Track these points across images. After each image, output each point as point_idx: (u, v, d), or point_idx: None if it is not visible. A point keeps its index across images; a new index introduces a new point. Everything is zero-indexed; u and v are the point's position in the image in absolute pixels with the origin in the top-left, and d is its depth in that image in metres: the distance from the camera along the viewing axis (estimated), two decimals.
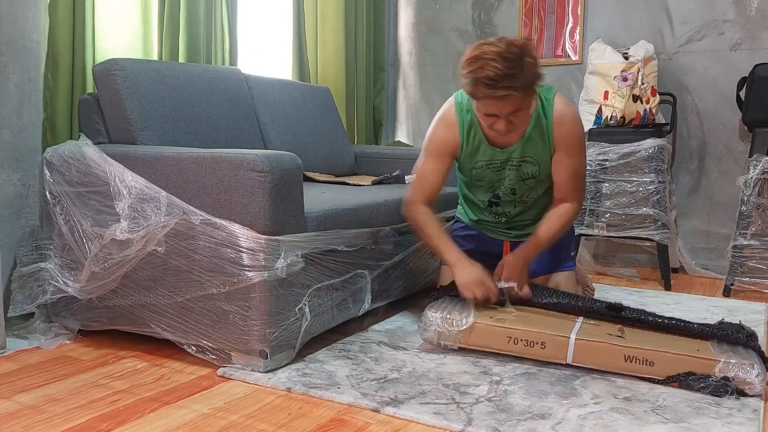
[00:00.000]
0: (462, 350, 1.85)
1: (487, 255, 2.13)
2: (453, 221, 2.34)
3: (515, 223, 2.18)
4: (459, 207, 2.33)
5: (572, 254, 2.22)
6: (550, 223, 2.01)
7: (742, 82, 2.84)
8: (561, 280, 2.15)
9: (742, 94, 2.83)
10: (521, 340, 1.77)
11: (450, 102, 2.07)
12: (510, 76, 1.71)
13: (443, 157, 2.04)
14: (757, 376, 1.57)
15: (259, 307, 1.67)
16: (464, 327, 1.80)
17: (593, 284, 2.44)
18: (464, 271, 1.93)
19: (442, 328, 1.83)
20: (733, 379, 1.58)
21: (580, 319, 1.86)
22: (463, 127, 2.01)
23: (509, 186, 2.06)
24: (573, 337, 1.72)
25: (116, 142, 2.04)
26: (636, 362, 1.66)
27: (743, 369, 1.58)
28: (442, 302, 1.94)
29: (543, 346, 1.75)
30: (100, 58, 2.23)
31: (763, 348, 1.98)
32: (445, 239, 2.01)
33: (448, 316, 1.84)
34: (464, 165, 2.08)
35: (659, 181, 2.85)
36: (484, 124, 1.92)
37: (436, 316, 1.85)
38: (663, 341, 1.72)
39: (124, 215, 1.78)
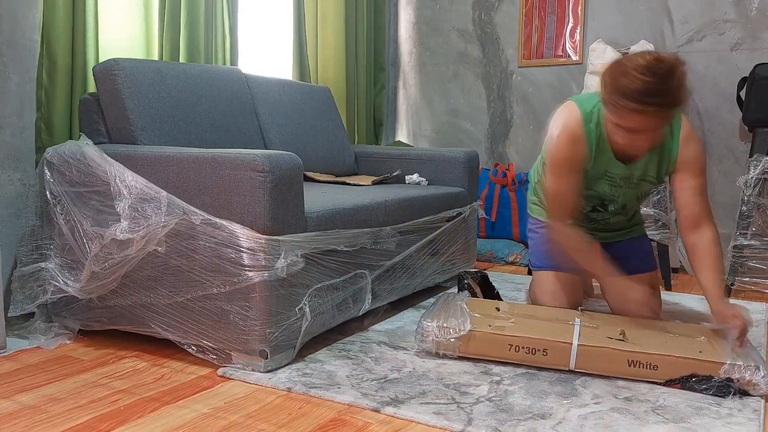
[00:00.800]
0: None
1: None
2: (529, 220, 2.31)
3: (604, 227, 2.21)
4: (534, 205, 2.27)
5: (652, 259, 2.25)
6: (713, 262, 1.87)
7: (743, 82, 2.84)
8: (654, 279, 2.20)
9: (743, 94, 2.83)
10: (522, 348, 1.75)
11: (572, 112, 1.94)
12: (664, 91, 1.65)
13: (574, 173, 1.94)
14: (763, 377, 1.57)
15: (260, 307, 1.68)
16: (461, 334, 1.79)
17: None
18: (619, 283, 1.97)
19: (439, 338, 1.81)
20: (737, 381, 1.58)
21: (578, 321, 1.86)
22: (591, 141, 1.92)
23: (622, 202, 2.05)
24: (575, 342, 1.71)
25: (117, 142, 2.04)
26: (640, 366, 1.65)
27: (749, 370, 1.58)
28: (438, 310, 1.92)
29: (545, 353, 1.74)
30: (101, 57, 2.23)
31: (764, 349, 1.98)
32: (598, 256, 1.99)
33: (444, 325, 1.81)
34: (588, 176, 2.01)
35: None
36: (621, 139, 1.81)
37: (431, 325, 1.82)
38: (665, 342, 1.72)
39: (125, 215, 1.78)
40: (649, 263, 2.22)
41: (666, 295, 2.65)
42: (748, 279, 2.72)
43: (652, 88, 1.63)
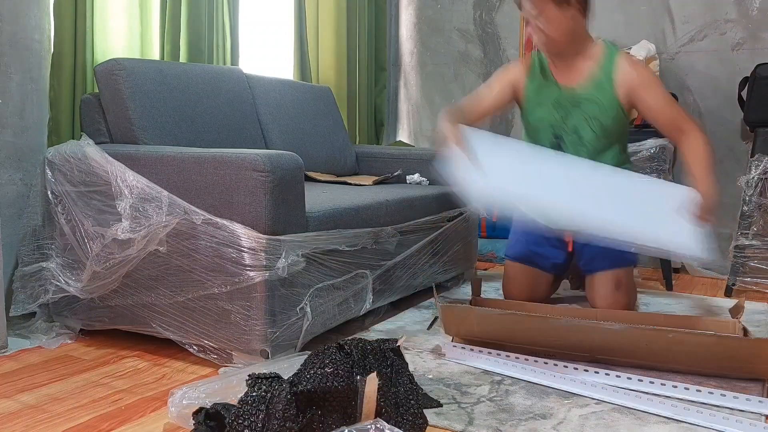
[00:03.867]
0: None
1: (544, 257, 2.25)
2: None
3: None
4: None
5: (633, 248, 2.18)
6: (698, 157, 1.98)
7: (744, 82, 2.84)
8: (623, 276, 2.15)
9: (744, 94, 2.83)
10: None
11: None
12: None
13: (502, 82, 2.18)
14: None
15: (261, 307, 1.68)
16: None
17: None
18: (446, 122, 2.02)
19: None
20: None
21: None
22: (534, 63, 2.17)
23: (572, 125, 2.12)
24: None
25: (118, 141, 2.05)
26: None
27: None
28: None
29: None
30: (102, 57, 2.23)
31: None
32: (455, 124, 2.02)
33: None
34: (529, 104, 2.17)
35: None
36: (531, 37, 2.04)
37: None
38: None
39: (126, 215, 1.78)
40: (620, 258, 2.17)
41: (668, 296, 2.65)
42: (749, 279, 2.72)
43: None
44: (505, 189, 1.82)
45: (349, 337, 1.42)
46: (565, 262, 2.29)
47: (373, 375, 1.27)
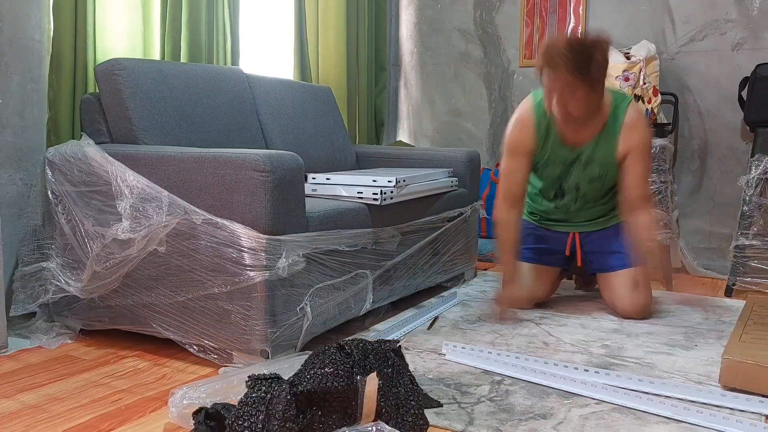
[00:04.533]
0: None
1: (549, 252, 2.34)
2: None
3: (576, 216, 2.30)
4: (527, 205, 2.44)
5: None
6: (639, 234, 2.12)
7: (744, 81, 2.84)
8: (640, 275, 2.22)
9: (744, 93, 2.83)
10: None
11: (527, 102, 2.19)
12: (569, 49, 1.88)
13: (521, 156, 2.17)
14: None
15: (261, 307, 1.68)
16: None
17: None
18: (509, 290, 2.21)
19: None
20: None
21: None
22: (539, 125, 2.14)
23: (574, 182, 2.18)
24: None
25: (118, 141, 2.05)
26: None
27: None
28: None
29: None
30: (102, 57, 2.23)
31: None
32: (511, 254, 2.22)
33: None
34: (538, 160, 2.21)
35: (661, 181, 2.85)
36: (554, 108, 2.01)
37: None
38: None
39: (126, 215, 1.78)
40: (630, 259, 2.25)
41: (668, 295, 2.65)
42: (749, 279, 2.72)
43: (563, 49, 1.89)
44: None
45: (350, 338, 1.42)
46: (568, 258, 2.33)
47: (374, 375, 1.27)
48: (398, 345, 1.41)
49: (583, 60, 1.88)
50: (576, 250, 2.33)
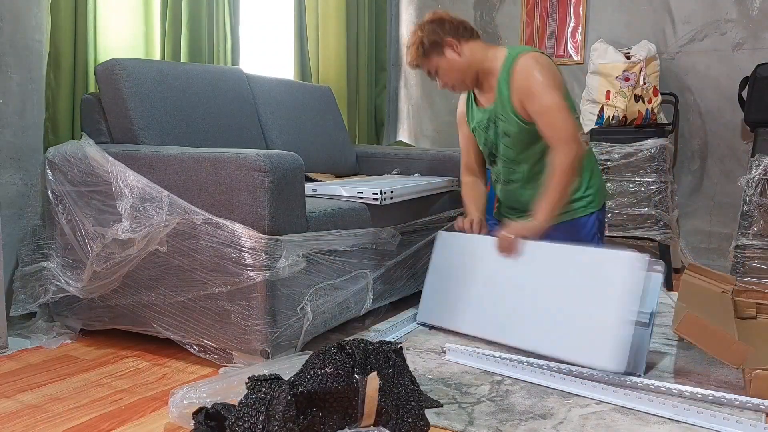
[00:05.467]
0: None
1: None
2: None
3: (518, 194, 2.20)
4: (499, 208, 2.42)
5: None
6: (549, 181, 1.94)
7: (745, 82, 2.83)
8: None
9: (744, 94, 2.83)
10: None
11: None
12: (408, 47, 2.12)
13: (463, 126, 2.29)
14: None
15: (261, 307, 1.68)
16: None
17: None
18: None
19: None
20: None
21: None
22: (468, 96, 2.24)
23: (493, 142, 2.18)
24: None
25: (118, 141, 2.05)
26: None
27: None
28: None
29: None
30: (102, 57, 2.23)
31: None
32: (472, 204, 2.26)
33: None
34: (472, 129, 2.26)
35: (661, 181, 2.85)
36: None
37: None
38: None
39: (126, 215, 1.78)
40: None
41: (668, 295, 2.65)
42: (749, 279, 2.72)
43: (409, 45, 2.12)
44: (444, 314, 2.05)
45: (351, 338, 1.42)
46: None
47: (374, 375, 1.27)
48: (399, 346, 1.41)
49: (415, 49, 2.07)
50: None
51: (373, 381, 1.27)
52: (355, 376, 1.27)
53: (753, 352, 1.63)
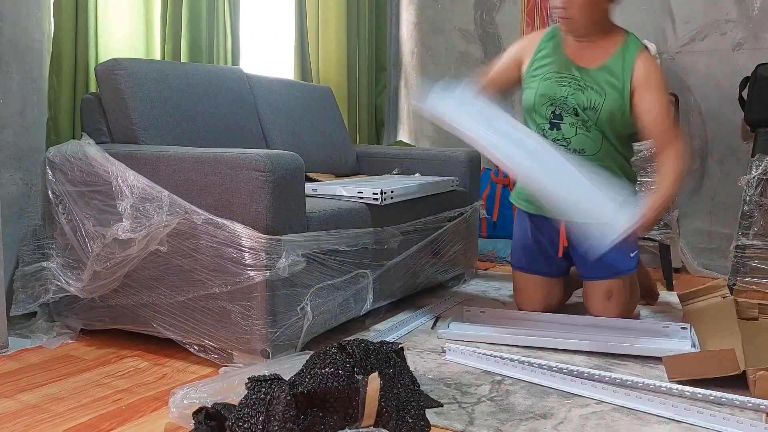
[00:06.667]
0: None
1: (545, 255, 2.22)
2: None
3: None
4: (515, 192, 2.32)
5: (632, 255, 2.13)
6: (668, 171, 1.92)
7: (745, 81, 2.83)
8: (615, 286, 2.10)
9: (745, 93, 2.83)
10: None
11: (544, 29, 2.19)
12: None
13: (515, 56, 2.18)
14: None
15: (261, 307, 1.68)
16: None
17: (658, 290, 2.43)
18: None
19: None
20: None
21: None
22: (546, 38, 2.12)
23: (572, 105, 2.05)
24: None
25: (118, 141, 2.05)
26: None
27: None
28: None
29: None
30: (103, 57, 2.24)
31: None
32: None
33: None
34: (530, 78, 2.12)
35: None
36: (556, 18, 2.02)
37: None
38: None
39: (126, 214, 1.78)
40: (616, 266, 2.11)
41: (668, 295, 2.65)
42: (750, 279, 2.72)
43: None
44: (461, 126, 1.90)
45: (351, 338, 1.42)
46: (564, 265, 2.27)
47: (375, 375, 1.27)
48: (399, 346, 1.41)
49: None
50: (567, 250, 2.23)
51: (374, 381, 1.27)
52: (356, 376, 1.27)
53: (739, 349, 1.64)
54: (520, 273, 2.27)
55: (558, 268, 2.25)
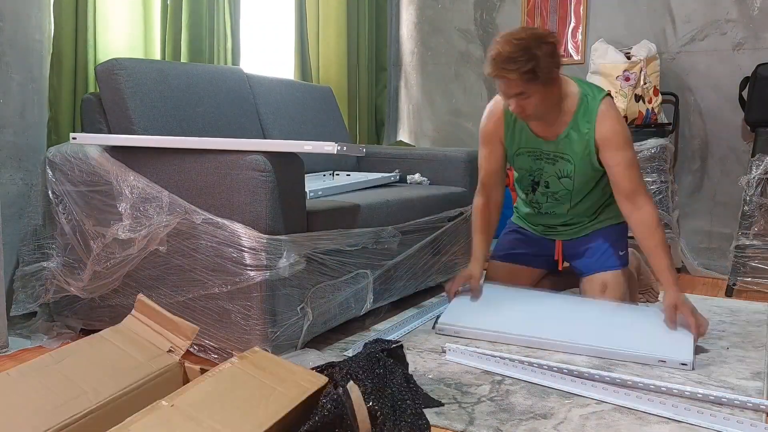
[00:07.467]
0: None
1: (539, 257, 2.32)
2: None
3: (554, 220, 2.25)
4: (516, 216, 2.42)
5: (621, 253, 2.19)
6: (647, 241, 1.95)
7: (745, 81, 2.84)
8: (609, 279, 2.16)
9: (745, 93, 2.83)
10: None
11: (499, 96, 2.15)
12: (512, 59, 1.80)
13: (491, 144, 2.17)
14: None
15: (261, 307, 1.68)
16: None
17: (658, 288, 2.45)
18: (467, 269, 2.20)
19: None
20: None
21: None
22: (508, 115, 2.11)
23: (540, 175, 2.14)
24: None
25: None
26: None
27: None
28: None
29: None
30: (103, 57, 2.24)
31: (765, 350, 1.98)
32: (477, 237, 2.23)
33: None
34: (509, 151, 2.17)
35: (661, 181, 2.85)
36: (509, 107, 1.98)
37: None
38: None
39: (126, 214, 1.78)
40: (606, 262, 2.18)
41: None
42: (750, 279, 2.72)
43: (504, 55, 1.81)
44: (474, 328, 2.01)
45: (339, 360, 1.39)
46: (550, 264, 2.34)
47: (351, 383, 1.26)
48: (393, 345, 1.40)
49: (528, 62, 1.79)
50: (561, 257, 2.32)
51: (353, 389, 1.26)
52: (337, 391, 1.26)
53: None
54: (495, 262, 2.38)
55: (540, 263, 2.34)
